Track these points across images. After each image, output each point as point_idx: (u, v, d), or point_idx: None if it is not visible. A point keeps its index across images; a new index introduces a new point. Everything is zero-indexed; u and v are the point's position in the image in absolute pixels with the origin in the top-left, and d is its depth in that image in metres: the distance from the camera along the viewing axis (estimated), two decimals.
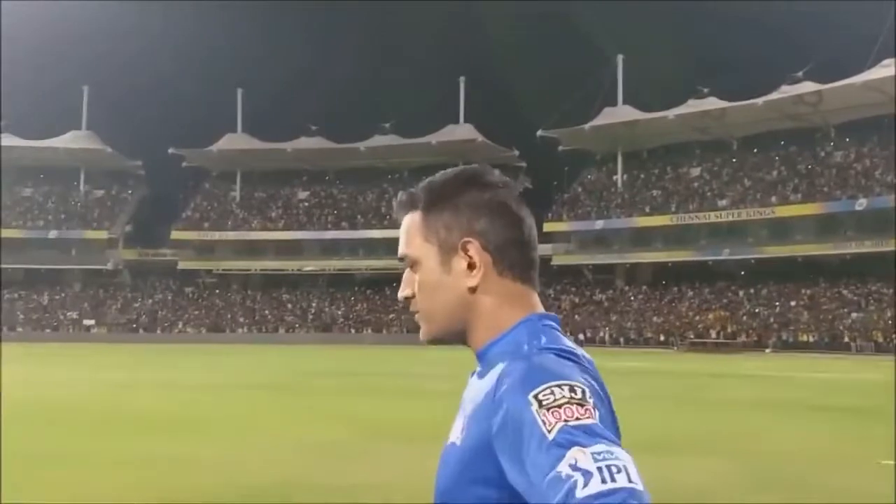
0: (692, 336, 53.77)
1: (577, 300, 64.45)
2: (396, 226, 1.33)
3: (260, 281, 73.12)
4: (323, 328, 65.17)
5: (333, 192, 77.25)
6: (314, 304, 69.68)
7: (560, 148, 70.00)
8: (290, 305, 70.16)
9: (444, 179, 1.29)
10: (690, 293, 61.56)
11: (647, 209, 65.10)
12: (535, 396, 1.05)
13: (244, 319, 67.59)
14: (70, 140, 75.04)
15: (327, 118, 73.86)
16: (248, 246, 73.10)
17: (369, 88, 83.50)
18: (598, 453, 0.98)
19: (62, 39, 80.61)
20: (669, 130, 66.61)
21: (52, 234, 72.78)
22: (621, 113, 67.22)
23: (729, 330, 54.56)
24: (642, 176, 69.35)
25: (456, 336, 1.29)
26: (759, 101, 60.97)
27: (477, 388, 1.21)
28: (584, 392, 1.06)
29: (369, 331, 63.01)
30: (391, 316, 63.43)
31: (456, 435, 1.20)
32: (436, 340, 1.31)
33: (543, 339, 1.18)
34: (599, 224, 65.99)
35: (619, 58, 68.41)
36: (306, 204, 76.85)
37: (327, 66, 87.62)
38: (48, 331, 63.11)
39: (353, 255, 71.37)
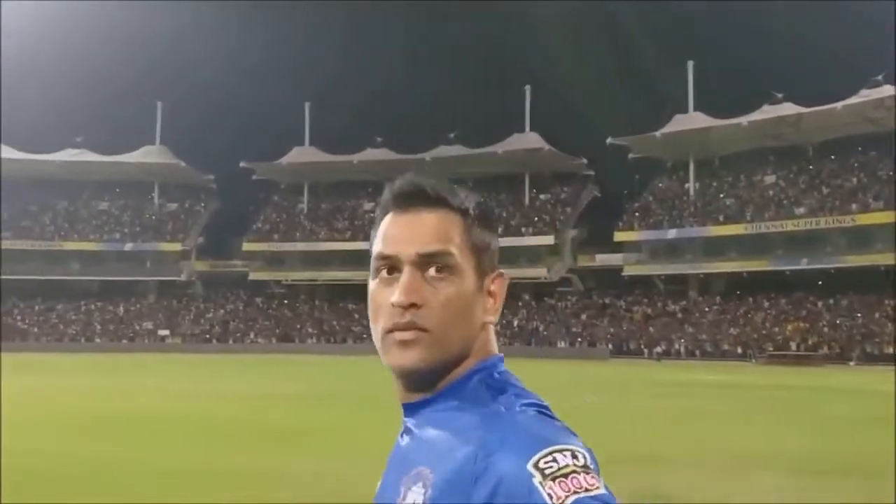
0: (770, 348, 52.09)
1: (649, 311, 63.09)
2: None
3: (327, 291, 73.65)
4: None
5: None
6: None
7: (630, 156, 68.77)
8: (356, 315, 70.32)
9: (487, 204, 1.14)
10: (766, 304, 59.74)
11: (721, 218, 63.50)
12: (536, 465, 0.88)
13: (313, 329, 68.11)
14: (144, 155, 76.88)
15: (393, 130, 74.32)
16: (316, 257, 73.76)
17: (434, 99, 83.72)
18: None
19: (137, 58, 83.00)
20: (743, 137, 64.92)
21: (128, 246, 74.65)
22: (693, 120, 65.82)
23: (809, 342, 52.72)
24: (715, 184, 67.77)
25: (443, 373, 1.05)
26: (838, 105, 59.02)
27: (431, 447, 1.01)
28: (584, 458, 0.91)
29: None
30: None
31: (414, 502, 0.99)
32: (425, 373, 1.04)
33: (514, 392, 1.02)
34: (672, 233, 64.62)
35: (690, 63, 67.08)
36: (372, 215, 75.34)
37: (392, 79, 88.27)
38: (124, 341, 64.50)
39: None
